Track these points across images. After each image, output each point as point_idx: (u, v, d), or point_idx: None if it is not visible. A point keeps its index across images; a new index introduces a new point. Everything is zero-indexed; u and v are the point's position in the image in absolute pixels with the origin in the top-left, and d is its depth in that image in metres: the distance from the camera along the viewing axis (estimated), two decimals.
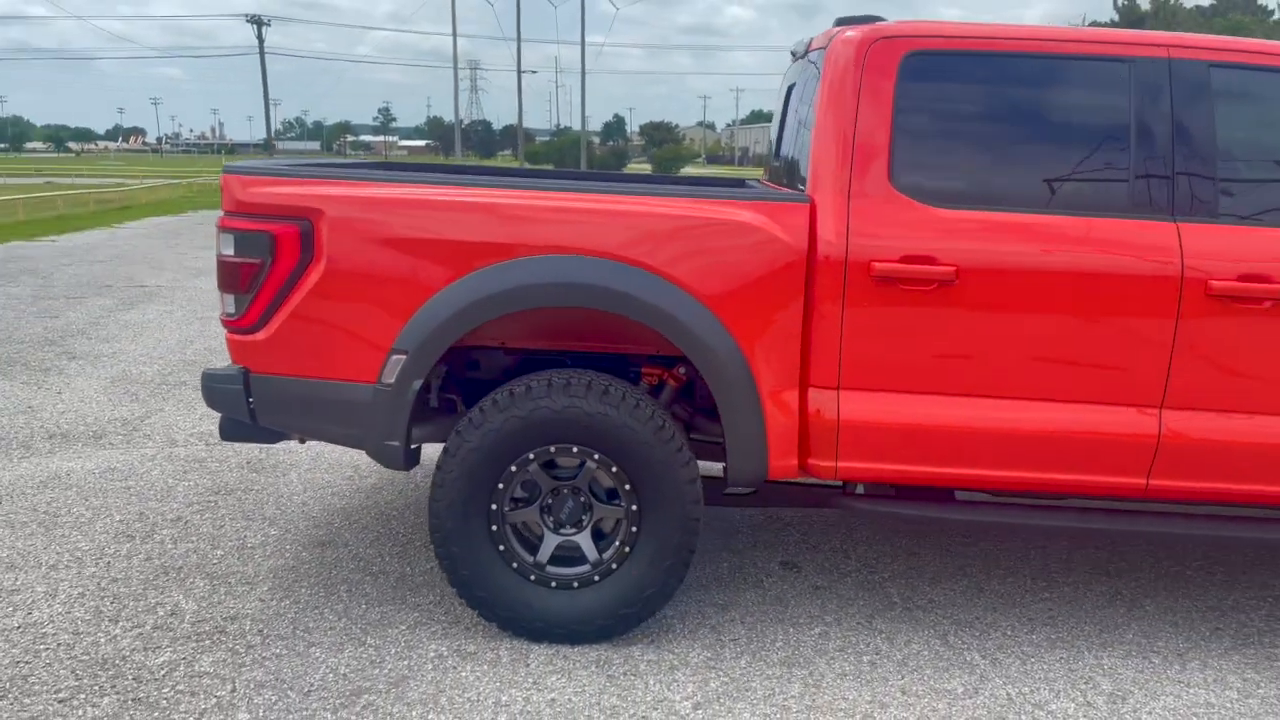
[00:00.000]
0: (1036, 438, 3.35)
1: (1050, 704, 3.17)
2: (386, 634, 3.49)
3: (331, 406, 3.43)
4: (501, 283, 3.25)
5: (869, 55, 3.37)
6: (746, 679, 3.27)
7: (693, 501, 3.35)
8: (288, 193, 3.37)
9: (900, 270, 3.27)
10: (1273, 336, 3.26)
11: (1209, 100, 3.32)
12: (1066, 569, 4.21)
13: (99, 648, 3.34)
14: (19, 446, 5.55)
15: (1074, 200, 3.34)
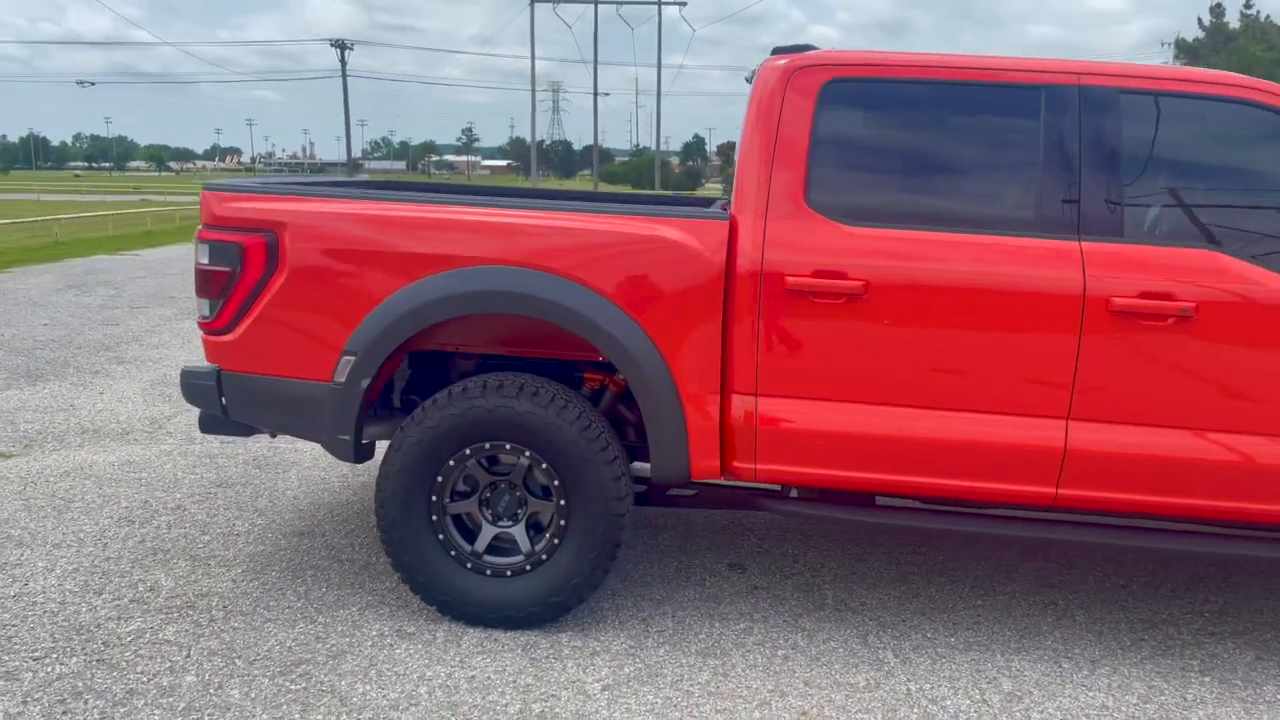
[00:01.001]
0: (946, 446, 3.51)
1: (946, 700, 3.32)
2: (337, 614, 3.78)
3: (293, 402, 3.75)
4: (440, 291, 3.53)
5: (791, 81, 3.59)
6: (660, 666, 3.48)
7: (617, 498, 3.58)
8: (256, 208, 3.71)
9: (812, 284, 3.46)
10: (1175, 352, 3.37)
11: (1117, 125, 3.46)
12: (1009, 578, 4.33)
13: (79, 616, 3.69)
14: (53, 440, 6.01)
15: (983, 219, 3.50)
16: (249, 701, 3.15)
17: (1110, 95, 3.48)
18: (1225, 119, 3.53)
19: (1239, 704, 3.35)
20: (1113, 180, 3.44)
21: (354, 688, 3.26)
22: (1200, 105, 3.51)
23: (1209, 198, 3.58)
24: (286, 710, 3.10)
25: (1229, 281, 3.34)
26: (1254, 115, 3.48)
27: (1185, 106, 3.52)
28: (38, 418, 6.55)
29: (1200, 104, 3.50)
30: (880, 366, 3.50)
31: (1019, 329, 3.42)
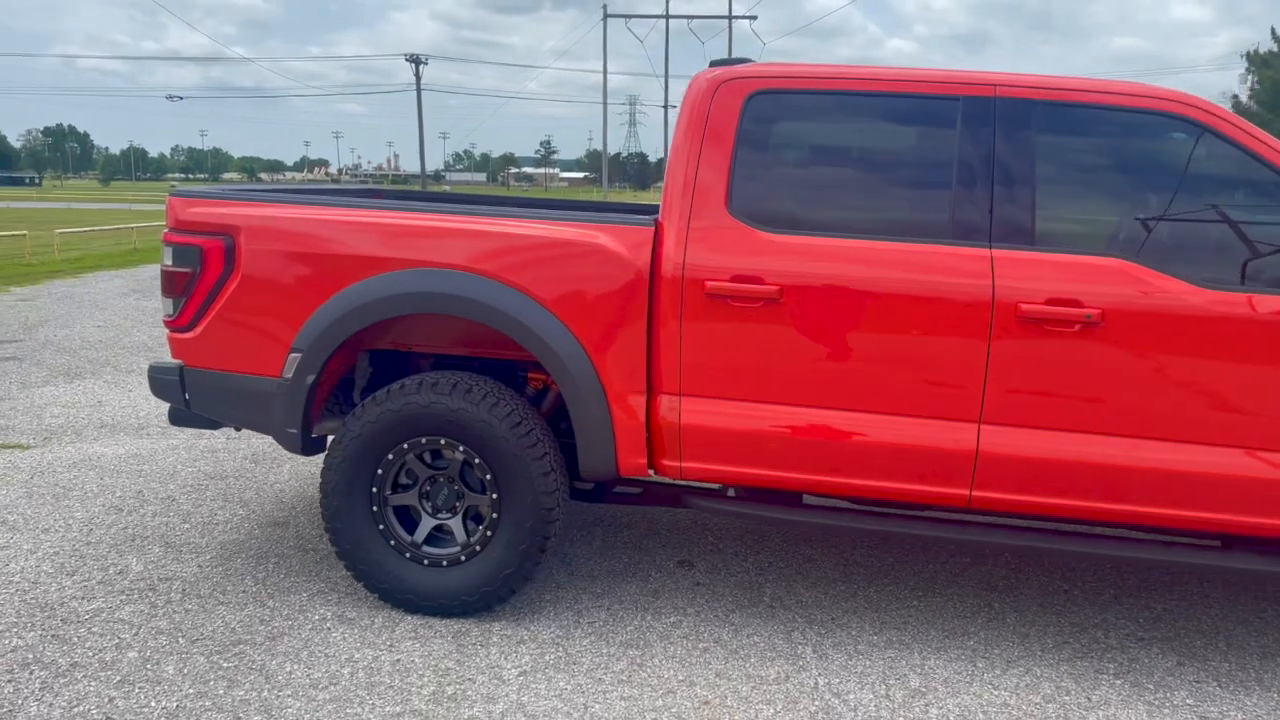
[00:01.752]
0: (861, 447, 3.59)
1: (850, 694, 3.40)
2: (287, 599, 3.99)
3: (248, 397, 3.97)
4: (375, 292, 3.72)
5: (717, 94, 3.71)
6: (581, 655, 3.61)
7: (546, 492, 3.73)
8: (215, 213, 3.94)
9: (730, 288, 3.58)
10: (1082, 357, 3.41)
11: (1032, 136, 3.52)
12: (953, 581, 4.37)
13: (47, 595, 3.95)
14: (71, 433, 6.36)
15: (898, 227, 3.58)
16: (180, 676, 3.36)
17: (1026, 106, 3.54)
18: (1141, 130, 3.56)
19: (1144, 706, 3.38)
20: (1025, 189, 3.49)
21: (282, 667, 3.45)
22: (1116, 116, 3.55)
23: (1121, 207, 3.61)
24: (212, 685, 3.31)
25: (1136, 289, 3.37)
26: (1169, 126, 3.51)
27: (1101, 117, 3.56)
28: (64, 412, 6.92)
29: (1116, 115, 3.54)
30: (796, 369, 3.59)
31: (930, 334, 3.49)
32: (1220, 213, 3.50)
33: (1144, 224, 3.55)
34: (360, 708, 3.21)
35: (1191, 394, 3.38)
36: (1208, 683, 3.56)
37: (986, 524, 3.72)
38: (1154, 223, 3.55)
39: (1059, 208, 3.54)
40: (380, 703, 3.24)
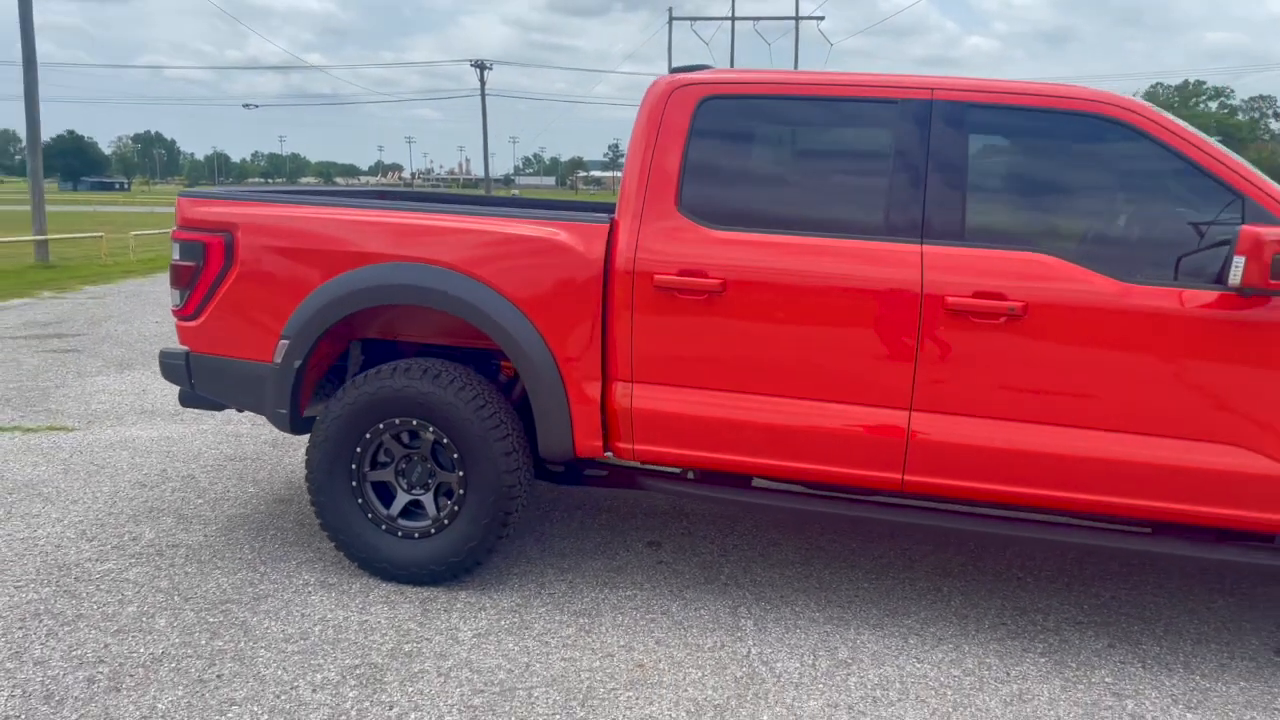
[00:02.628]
0: (800, 432, 3.81)
1: (778, 663, 3.63)
2: (277, 566, 4.33)
3: (244, 380, 4.33)
4: (355, 284, 4.05)
5: (671, 99, 3.97)
6: (534, 621, 3.89)
7: (507, 471, 4.01)
8: (216, 212, 4.31)
9: (677, 281, 3.83)
10: (1006, 348, 3.59)
11: (964, 137, 3.71)
12: (908, 567, 4.56)
13: (66, 556, 4.36)
14: (113, 418, 6.83)
15: (836, 224, 3.80)
16: (169, 628, 3.72)
17: (961, 109, 3.73)
18: (1070, 131, 3.73)
19: (1060, 681, 3.54)
20: (957, 188, 3.68)
21: (261, 623, 3.79)
22: (1047, 118, 3.72)
23: (1048, 204, 3.78)
24: (196, 636, 3.66)
25: (1058, 282, 3.55)
26: (1097, 126, 3.67)
27: (1032, 119, 3.74)
28: (110, 399, 7.42)
29: (1047, 117, 3.71)
30: (739, 357, 3.83)
31: (864, 325, 3.70)
32: (1142, 210, 3.65)
33: (1068, 221, 3.72)
34: (323, 660, 3.53)
35: (1111, 384, 3.53)
36: (1132, 664, 3.71)
37: (925, 508, 3.90)
38: (1078, 219, 3.71)
39: (989, 205, 3.72)
40: (341, 656, 3.56)
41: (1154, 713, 3.37)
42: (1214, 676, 3.62)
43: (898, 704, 3.36)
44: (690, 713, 3.27)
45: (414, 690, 3.35)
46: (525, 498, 4.14)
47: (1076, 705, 3.39)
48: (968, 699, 3.41)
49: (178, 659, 3.50)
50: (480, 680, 3.43)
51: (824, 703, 3.36)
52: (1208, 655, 3.79)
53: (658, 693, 3.39)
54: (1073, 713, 3.35)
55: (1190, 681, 3.59)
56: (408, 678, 3.43)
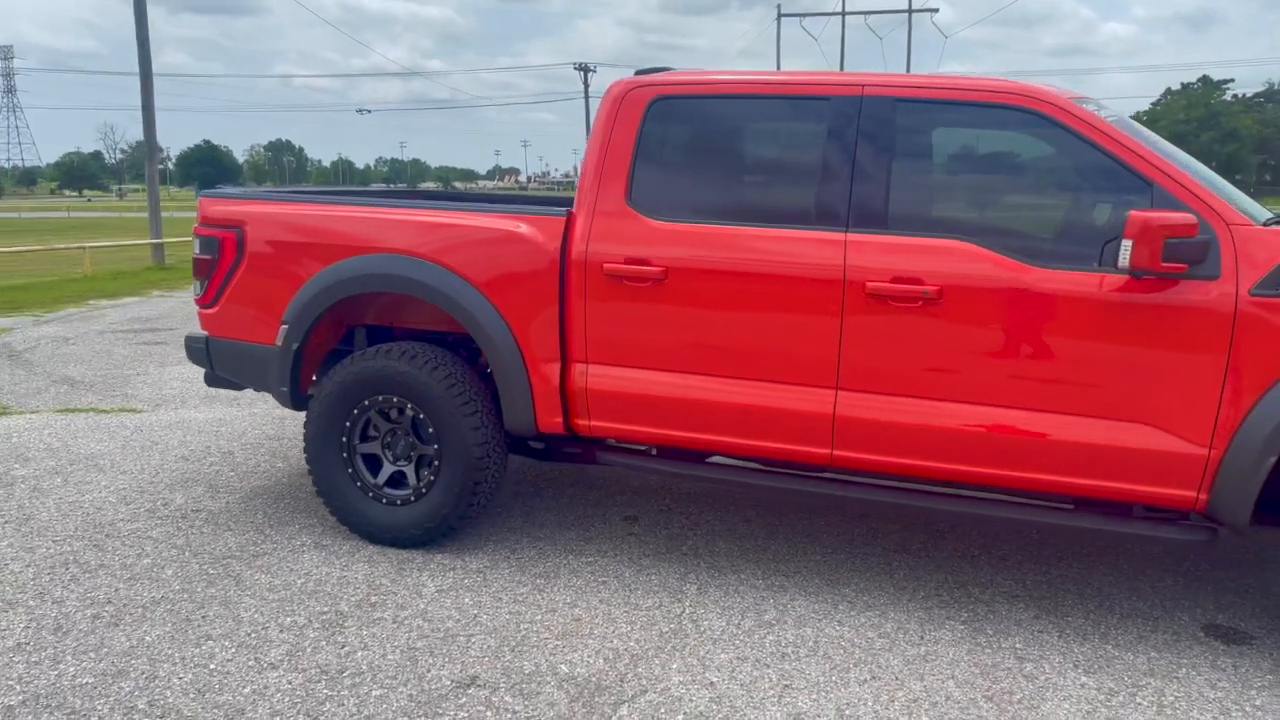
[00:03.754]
0: (737, 410, 4.08)
1: (705, 621, 3.91)
2: (282, 529, 4.81)
3: (253, 361, 4.82)
4: (342, 274, 4.48)
5: (625, 100, 4.29)
6: (495, 580, 4.26)
7: (476, 444, 4.39)
8: (230, 210, 4.82)
9: (623, 270, 4.15)
10: (924, 330, 3.81)
11: (892, 130, 3.93)
12: (868, 542, 4.77)
13: (103, 516, 4.92)
14: (178, 402, 7.49)
15: (770, 214, 4.06)
16: (174, 578, 4.22)
17: (889, 104, 3.95)
18: (992, 123, 3.92)
19: (969, 645, 3.74)
20: (881, 179, 3.91)
21: (254, 576, 4.26)
22: (971, 111, 3.91)
23: (967, 193, 3.98)
24: (194, 584, 4.15)
25: (972, 267, 3.74)
26: (1018, 119, 3.84)
27: (957, 113, 3.94)
28: (180, 386, 8.10)
29: (971, 110, 3.91)
30: (680, 340, 4.12)
31: (792, 309, 3.96)
32: (1057, 197, 3.82)
33: (987, 209, 3.91)
34: (297, 607, 3.97)
35: (1023, 365, 3.71)
36: (1049, 633, 3.87)
37: (859, 484, 4.12)
38: (996, 208, 3.90)
39: (912, 195, 3.93)
40: (314, 604, 3.99)
41: (1048, 674, 3.54)
42: (1127, 647, 3.76)
43: (803, 659, 3.61)
44: (608, 659, 3.59)
45: (367, 634, 3.75)
46: (496, 470, 4.51)
47: (976, 666, 3.59)
48: (872, 657, 3.64)
49: (173, 602, 3.98)
50: (429, 627, 3.81)
51: (734, 656, 3.63)
52: (1130, 628, 3.92)
53: (584, 642, 3.72)
54: (969, 672, 3.54)
55: (1101, 650, 3.73)
56: (366, 623, 3.84)
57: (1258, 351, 3.45)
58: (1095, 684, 3.48)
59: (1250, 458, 3.47)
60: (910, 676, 3.51)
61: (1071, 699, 3.38)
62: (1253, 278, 3.46)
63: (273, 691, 3.33)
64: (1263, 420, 3.44)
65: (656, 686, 3.42)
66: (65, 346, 10.15)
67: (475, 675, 3.47)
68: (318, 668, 3.49)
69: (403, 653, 3.61)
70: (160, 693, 3.31)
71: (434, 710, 3.24)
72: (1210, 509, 3.61)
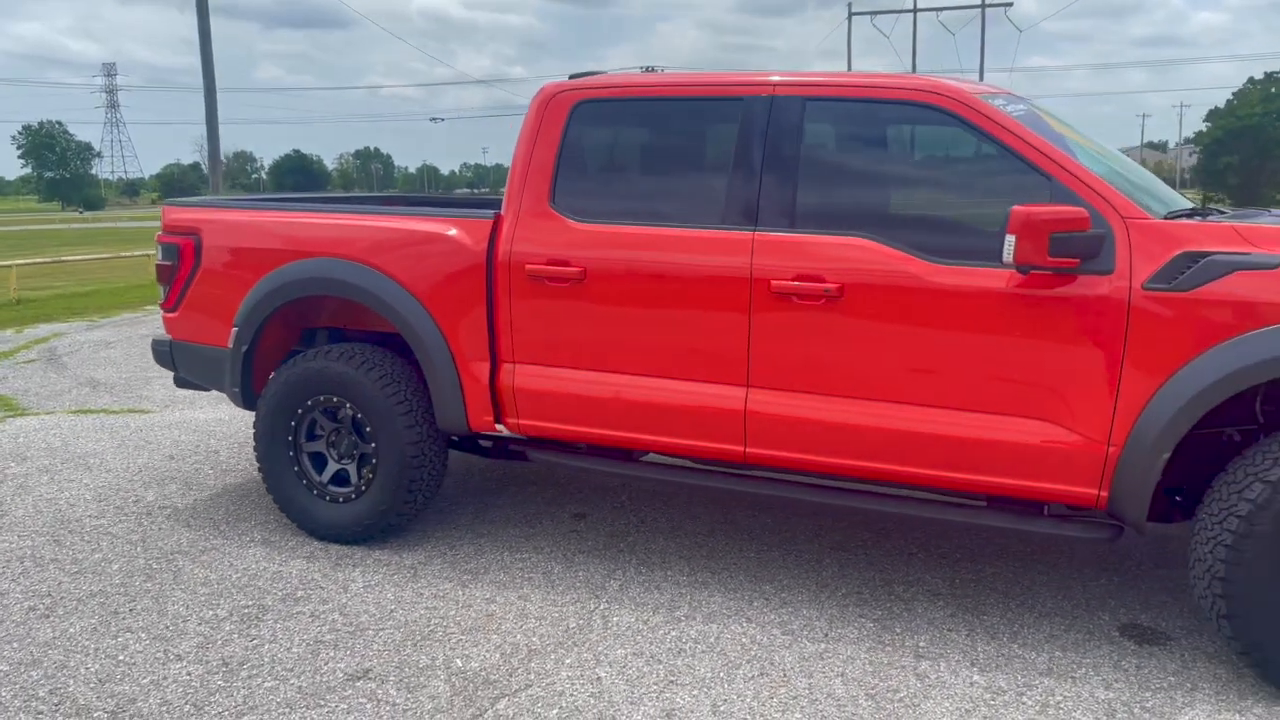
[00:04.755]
0: (657, 408, 4.12)
1: (615, 617, 3.95)
2: (237, 526, 4.97)
3: (210, 363, 4.99)
4: (283, 278, 4.63)
5: (550, 103, 4.35)
6: (425, 575, 4.36)
7: (410, 442, 4.49)
8: (189, 217, 5.00)
9: (544, 270, 4.21)
10: (826, 327, 3.80)
11: (799, 129, 3.93)
12: (810, 540, 4.74)
13: (73, 512, 5.14)
14: (186, 404, 7.75)
15: (684, 214, 4.08)
16: (118, 571, 4.40)
17: (797, 103, 3.95)
18: (897, 119, 3.90)
19: (872, 642, 3.72)
20: (789, 178, 3.91)
21: (193, 571, 4.42)
22: (876, 108, 3.89)
23: (870, 190, 3.94)
24: (134, 578, 4.32)
25: (874, 264, 3.72)
26: (922, 115, 3.82)
27: (862, 109, 3.92)
28: None
29: (876, 107, 3.89)
30: (600, 339, 4.17)
31: (704, 308, 3.98)
32: (958, 193, 3.78)
33: (889, 205, 3.88)
34: (223, 600, 4.11)
35: (923, 360, 3.69)
36: (958, 631, 3.83)
37: (785, 481, 4.12)
38: (898, 204, 3.87)
39: (819, 193, 3.92)
40: (241, 598, 4.13)
41: (941, 672, 3.51)
42: (1034, 646, 3.70)
43: (698, 655, 3.63)
44: (504, 654, 3.66)
45: (281, 627, 3.87)
46: (432, 468, 4.61)
47: (870, 664, 3.57)
48: (768, 654, 3.64)
49: (108, 595, 4.16)
50: (343, 621, 3.92)
51: (630, 651, 3.67)
52: (1044, 627, 3.86)
53: (488, 637, 3.79)
54: (861, 670, 3.53)
55: (1005, 649, 3.68)
56: (284, 617, 3.96)
57: (1151, 346, 3.38)
58: (985, 683, 3.44)
59: (1145, 454, 3.39)
60: (799, 674, 3.50)
61: (954, 698, 3.34)
62: (1146, 271, 3.39)
63: (170, 683, 3.46)
64: (1157, 416, 3.37)
65: (543, 681, 3.47)
66: (104, 350, 10.56)
67: (369, 668, 3.56)
68: (221, 660, 3.62)
69: (307, 646, 3.72)
70: (64, 682, 3.47)
71: (318, 702, 3.34)
72: (1111, 506, 3.54)
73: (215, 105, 20.78)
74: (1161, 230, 3.44)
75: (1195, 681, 3.45)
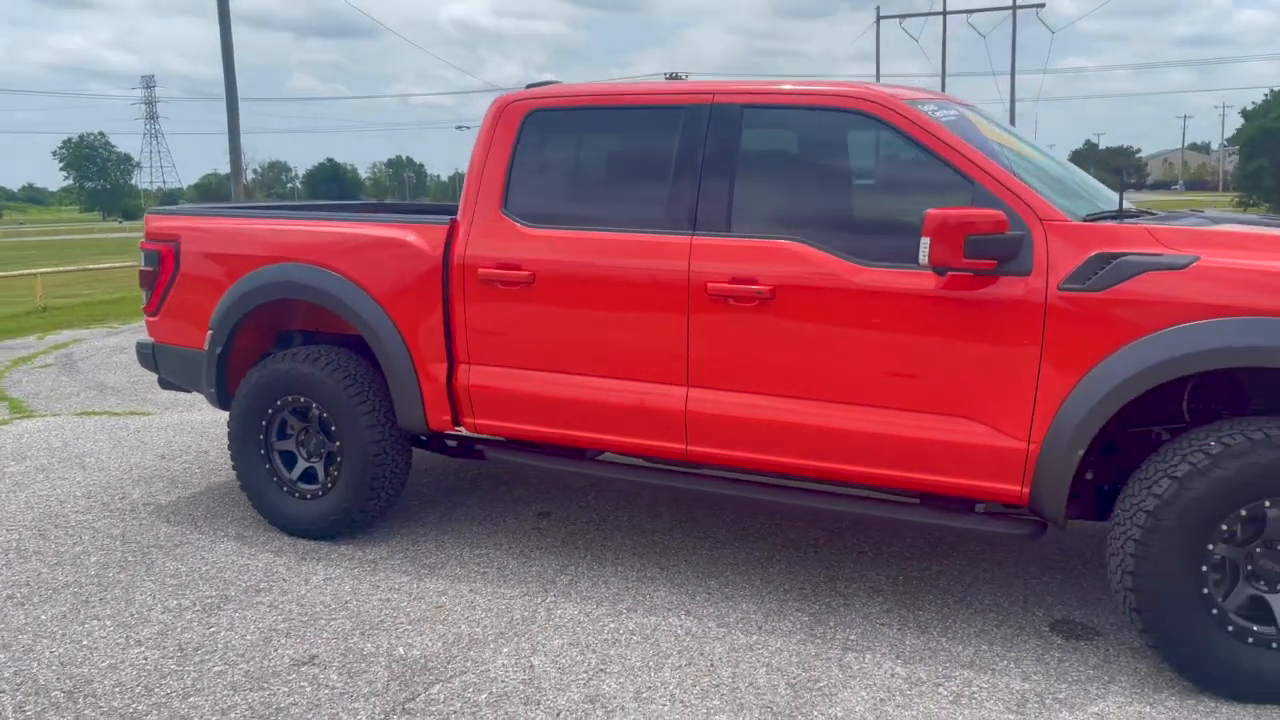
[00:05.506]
0: (605, 407, 4.25)
1: (560, 610, 4.08)
2: (214, 522, 5.16)
3: (188, 364, 5.19)
4: (253, 283, 4.81)
5: (504, 113, 4.51)
6: (382, 570, 4.51)
7: (371, 441, 4.66)
8: (168, 225, 5.20)
9: (496, 274, 4.37)
10: (760, 328, 3.92)
11: (736, 136, 4.05)
12: (763, 537, 4.85)
13: (62, 508, 5.35)
14: (187, 406, 7.98)
15: (628, 220, 4.22)
16: (95, 564, 4.59)
17: (734, 111, 4.07)
18: (828, 125, 4.02)
19: (802, 636, 3.82)
20: (726, 183, 4.03)
21: (165, 563, 4.61)
22: (808, 115, 4.02)
23: (802, 195, 4.06)
24: (109, 570, 4.52)
25: (803, 266, 3.84)
26: (852, 121, 3.94)
27: (796, 116, 4.05)
28: None
29: (808, 114, 4.02)
30: (549, 340, 4.32)
31: (646, 309, 4.12)
32: (886, 197, 3.89)
33: (820, 209, 3.99)
34: (189, 591, 4.29)
35: (851, 360, 3.80)
36: (890, 626, 3.92)
37: (734, 479, 4.24)
38: (828, 208, 3.99)
39: (754, 198, 4.04)
40: (205, 589, 4.31)
41: (865, 664, 3.61)
42: (962, 640, 3.79)
43: (631, 646, 3.76)
44: (447, 643, 3.80)
45: (239, 616, 4.04)
46: (395, 466, 4.77)
47: (797, 655, 3.68)
48: (699, 645, 3.76)
49: (82, 585, 4.35)
50: (298, 611, 4.09)
51: (567, 641, 3.80)
52: (977, 623, 3.95)
53: (434, 627, 3.94)
54: (787, 661, 3.64)
55: (933, 642, 3.78)
56: (243, 606, 4.14)
57: (1067, 346, 3.47)
58: (906, 674, 3.54)
59: (1061, 452, 3.48)
60: (726, 664, 3.62)
61: (872, 688, 3.44)
62: (1062, 272, 3.48)
63: (126, 666, 3.64)
64: (1071, 414, 3.46)
65: (478, 668, 3.61)
66: (117, 355, 10.84)
67: (315, 655, 3.72)
68: (178, 645, 3.79)
69: (260, 634, 3.89)
70: (28, 664, 3.65)
71: (262, 684, 3.50)
72: (1032, 503, 3.63)
73: (237, 115, 21.19)
74: (1078, 232, 3.53)
75: (1114, 675, 3.53)
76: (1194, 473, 3.24)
